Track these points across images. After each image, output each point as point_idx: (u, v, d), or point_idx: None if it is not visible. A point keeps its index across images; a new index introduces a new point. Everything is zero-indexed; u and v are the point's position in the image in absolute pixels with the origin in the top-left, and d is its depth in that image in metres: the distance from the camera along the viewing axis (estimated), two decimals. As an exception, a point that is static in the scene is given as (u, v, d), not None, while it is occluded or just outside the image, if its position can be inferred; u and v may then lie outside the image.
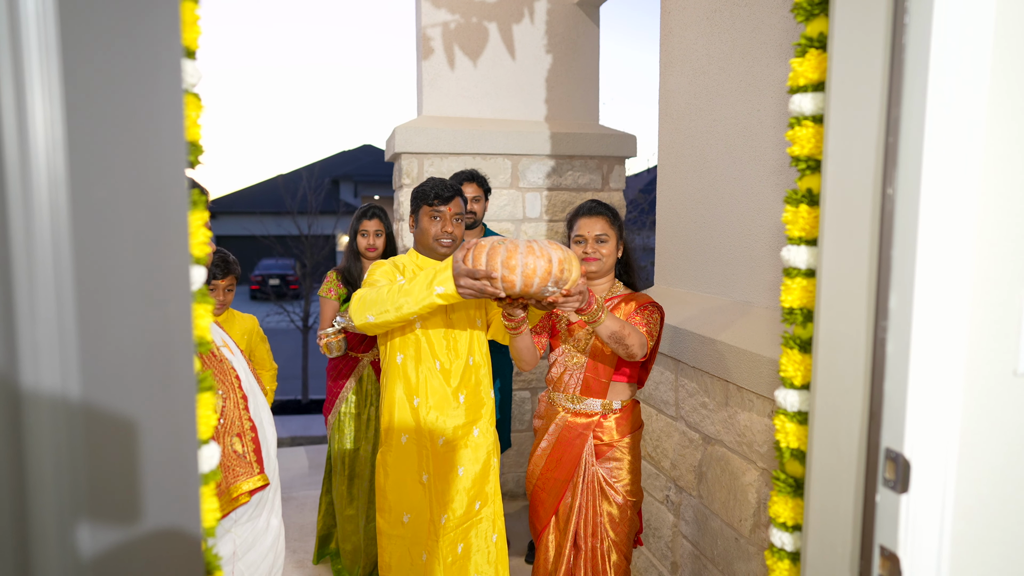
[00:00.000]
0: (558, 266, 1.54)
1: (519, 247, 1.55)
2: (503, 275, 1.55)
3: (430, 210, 2.01)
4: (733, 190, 2.33)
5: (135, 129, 0.74)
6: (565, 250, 1.62)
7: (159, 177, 0.77)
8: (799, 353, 1.16)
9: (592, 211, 2.07)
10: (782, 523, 1.19)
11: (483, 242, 1.60)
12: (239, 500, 1.30)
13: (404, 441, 2.02)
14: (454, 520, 2.02)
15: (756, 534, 2.04)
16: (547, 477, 2.13)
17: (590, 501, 2.06)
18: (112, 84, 0.72)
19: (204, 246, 0.91)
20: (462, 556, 2.04)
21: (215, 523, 0.95)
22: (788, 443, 1.18)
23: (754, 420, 2.03)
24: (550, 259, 1.54)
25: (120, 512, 0.74)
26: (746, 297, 2.30)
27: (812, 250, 1.13)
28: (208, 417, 0.92)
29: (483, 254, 1.55)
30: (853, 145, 1.00)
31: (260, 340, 2.95)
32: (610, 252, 2.06)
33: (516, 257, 1.52)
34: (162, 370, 0.79)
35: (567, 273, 1.56)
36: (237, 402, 1.34)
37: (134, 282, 0.75)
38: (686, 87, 2.61)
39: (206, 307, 0.91)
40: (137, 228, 0.75)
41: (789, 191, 1.14)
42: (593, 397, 2.07)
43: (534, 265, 1.52)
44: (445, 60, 3.65)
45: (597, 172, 3.82)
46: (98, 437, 0.73)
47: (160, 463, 0.79)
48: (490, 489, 2.11)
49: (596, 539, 2.06)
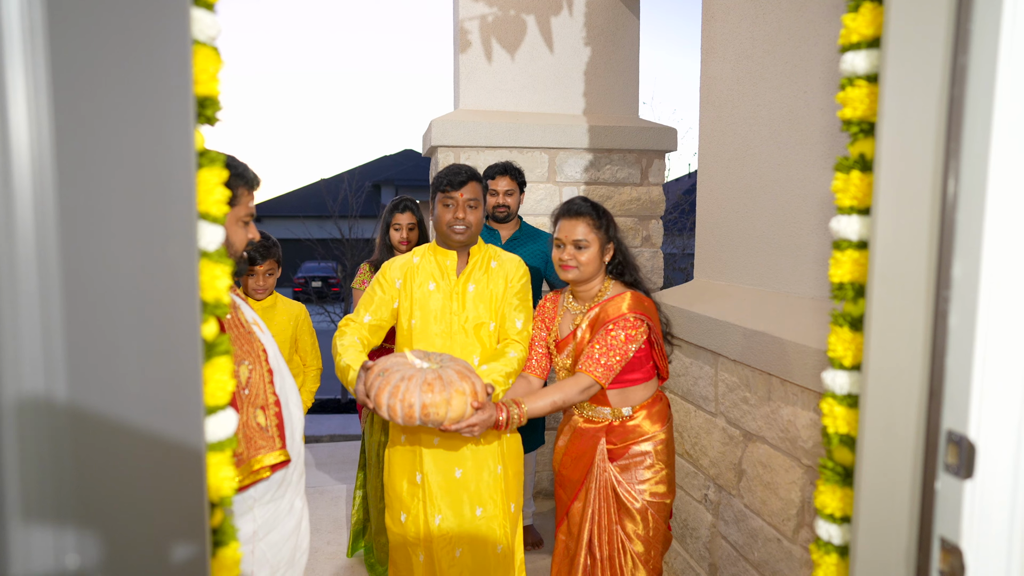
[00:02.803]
0: (421, 411, 1.60)
1: (391, 382, 1.62)
2: (375, 406, 1.65)
3: (443, 196, 1.97)
4: (777, 177, 2.24)
5: (135, 77, 0.71)
6: (447, 390, 1.62)
7: (160, 130, 0.74)
8: (849, 331, 1.07)
9: (572, 212, 1.94)
10: (829, 514, 1.11)
11: (378, 365, 1.69)
12: (260, 474, 1.28)
13: (403, 440, 1.99)
14: (449, 522, 1.95)
15: (800, 535, 1.94)
16: (563, 476, 2.07)
17: (603, 507, 1.95)
18: (109, 28, 0.69)
19: (220, 204, 0.88)
20: (460, 560, 1.97)
21: (231, 492, 0.92)
22: (836, 428, 1.09)
23: (799, 415, 1.93)
24: (412, 405, 1.60)
25: (114, 475, 0.72)
26: (790, 288, 2.20)
27: (864, 220, 1.05)
28: (222, 382, 0.89)
29: (369, 379, 1.67)
30: (912, 102, 0.92)
31: (307, 330, 2.93)
32: (591, 259, 1.92)
33: (383, 396, 1.61)
34: (161, 329, 0.76)
35: (434, 415, 1.61)
36: (263, 375, 1.32)
37: (130, 236, 0.72)
38: (729, 72, 2.53)
39: (223, 267, 0.88)
40: (134, 181, 0.72)
41: (840, 157, 1.07)
42: (600, 405, 1.99)
43: (395, 406, 1.61)
44: (482, 53, 3.63)
45: (636, 166, 3.74)
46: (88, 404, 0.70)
47: (159, 430, 0.76)
48: (496, 496, 2.01)
49: (612, 548, 1.93)
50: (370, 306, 2.00)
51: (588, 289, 1.99)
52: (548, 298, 2.14)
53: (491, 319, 2.01)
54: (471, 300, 2.00)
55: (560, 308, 2.09)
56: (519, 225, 3.05)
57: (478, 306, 2.00)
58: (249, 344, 1.32)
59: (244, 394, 1.28)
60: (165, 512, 0.76)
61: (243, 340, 1.31)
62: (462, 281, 2.01)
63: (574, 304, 2.04)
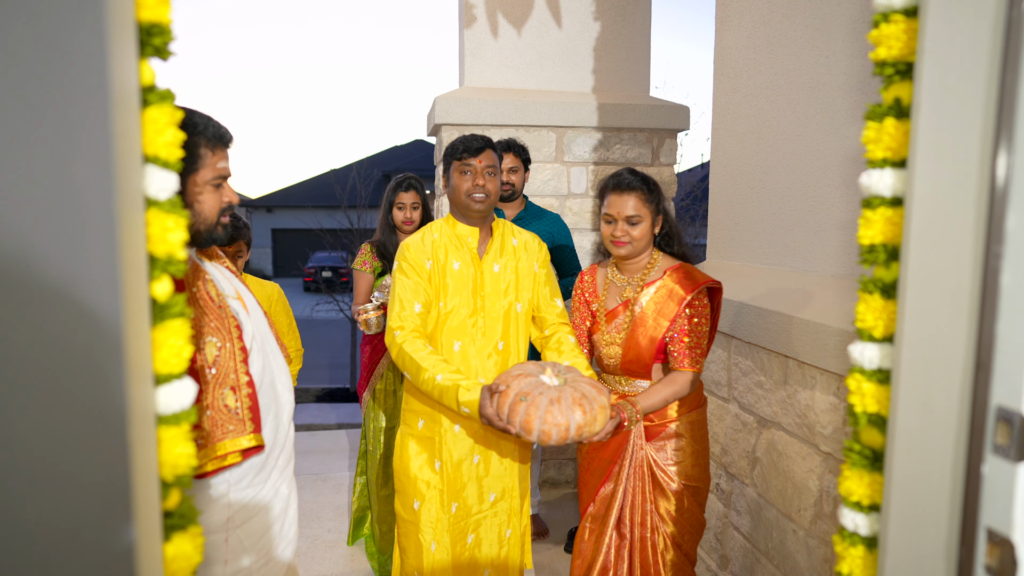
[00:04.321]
0: (576, 431, 1.54)
1: (539, 408, 1.53)
2: (519, 432, 1.56)
3: (460, 164, 1.86)
4: (796, 149, 2.12)
5: None
6: (591, 406, 1.56)
7: (95, 59, 0.64)
8: (880, 298, 0.96)
9: (623, 187, 1.84)
10: (856, 502, 1.00)
11: (512, 388, 1.59)
12: (227, 459, 1.18)
13: (420, 426, 1.89)
14: (465, 510, 1.88)
15: (817, 526, 1.83)
16: (592, 457, 1.96)
17: (638, 486, 1.87)
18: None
19: (172, 148, 0.78)
20: (472, 547, 1.89)
21: (188, 470, 0.83)
22: (865, 407, 0.98)
23: (817, 399, 1.82)
24: (567, 426, 1.52)
25: (33, 448, 0.62)
26: (809, 266, 2.08)
27: (900, 173, 0.93)
28: (177, 348, 0.80)
29: (506, 405, 1.57)
30: (959, 34, 0.81)
31: (282, 310, 2.78)
32: (643, 234, 1.84)
33: (534, 422, 1.52)
34: (99, 286, 0.66)
35: (587, 432, 1.56)
36: (234, 353, 1.22)
37: (58, 181, 0.63)
38: (745, 41, 2.40)
39: (176, 219, 0.78)
40: (60, 118, 0.63)
41: (871, 104, 0.95)
42: (639, 378, 1.89)
43: (550, 430, 1.52)
44: (488, 28, 3.51)
45: (647, 145, 3.62)
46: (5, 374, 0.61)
47: (96, 400, 0.66)
48: (510, 484, 1.95)
49: (645, 528, 1.86)
50: (418, 295, 1.85)
51: (637, 262, 1.92)
52: (587, 271, 2.05)
53: (517, 300, 1.91)
54: (499, 280, 1.89)
55: (603, 281, 1.99)
56: (524, 205, 2.94)
57: (506, 286, 1.89)
58: (220, 320, 1.22)
59: (211, 373, 1.18)
60: (101, 491, 0.67)
61: (212, 315, 1.21)
62: (488, 260, 1.90)
63: (620, 276, 1.94)
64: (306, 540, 3.09)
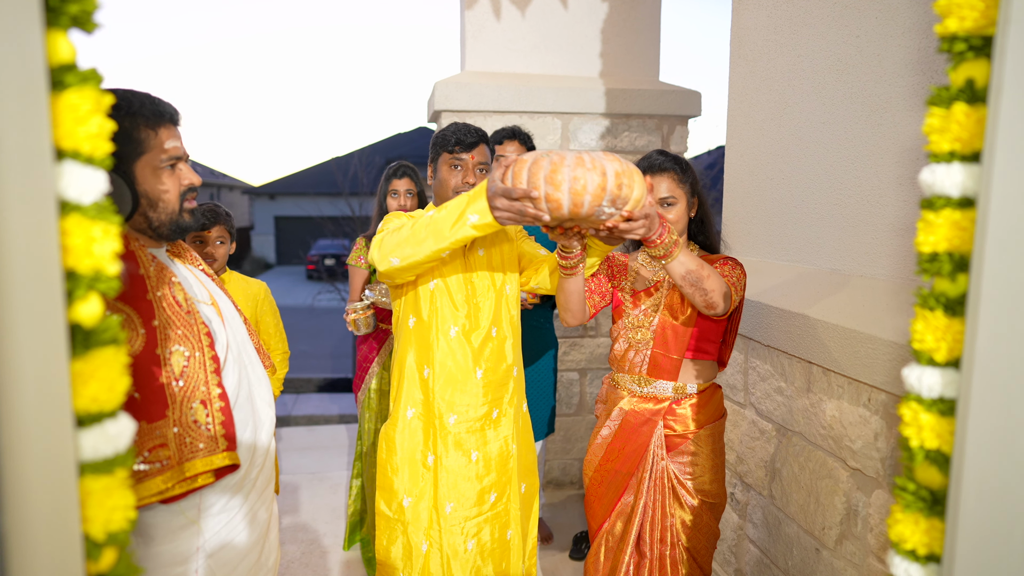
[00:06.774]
0: (614, 180, 1.24)
1: (566, 159, 1.25)
2: (547, 193, 1.25)
3: (450, 158, 1.73)
4: (821, 137, 1.96)
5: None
6: (624, 163, 1.30)
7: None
8: (944, 316, 0.82)
9: (655, 168, 1.70)
10: (910, 550, 0.86)
11: (525, 156, 1.32)
12: (198, 480, 1.06)
13: (410, 416, 1.75)
14: (462, 511, 1.74)
15: (843, 547, 1.70)
16: (606, 469, 1.82)
17: (658, 501, 1.74)
18: None
19: (98, 140, 0.65)
20: (472, 552, 1.76)
21: (126, 525, 0.70)
22: (922, 441, 0.85)
23: (845, 410, 1.68)
24: (604, 172, 1.24)
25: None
26: (836, 265, 1.94)
27: (971, 168, 0.79)
28: (110, 381, 0.67)
29: (524, 169, 1.27)
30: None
31: (269, 310, 2.56)
32: (679, 216, 1.70)
33: (563, 171, 1.23)
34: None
35: (626, 189, 1.26)
36: (204, 363, 1.09)
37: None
38: (764, 21, 2.24)
39: (104, 226, 0.65)
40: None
41: (936, 88, 0.81)
42: (663, 379, 1.75)
43: (584, 180, 1.23)
44: (490, 10, 3.35)
45: (656, 133, 3.46)
46: None
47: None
48: (511, 479, 1.81)
49: (665, 546, 1.74)
50: None
51: None
52: (617, 255, 1.91)
53: (506, 281, 1.79)
54: (485, 263, 1.78)
55: (634, 265, 1.86)
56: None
57: (493, 267, 1.78)
58: (187, 327, 1.09)
59: (178, 386, 1.05)
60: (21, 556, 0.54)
61: (179, 321, 1.08)
62: (473, 246, 1.79)
63: (653, 264, 1.80)
64: (301, 545, 2.99)
